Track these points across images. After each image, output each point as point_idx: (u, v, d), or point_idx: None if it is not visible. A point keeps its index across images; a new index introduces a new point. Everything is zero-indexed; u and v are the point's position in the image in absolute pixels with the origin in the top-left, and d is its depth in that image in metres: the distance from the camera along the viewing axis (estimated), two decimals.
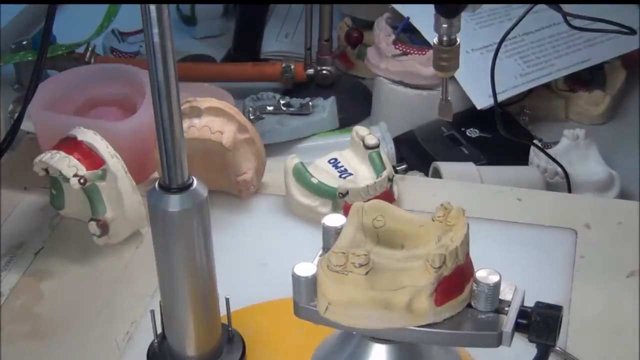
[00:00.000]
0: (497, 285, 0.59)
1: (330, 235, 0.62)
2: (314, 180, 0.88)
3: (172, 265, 0.66)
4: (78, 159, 0.84)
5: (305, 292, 0.60)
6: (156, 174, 0.94)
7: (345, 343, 0.63)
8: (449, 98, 0.67)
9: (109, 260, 0.86)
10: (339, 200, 0.86)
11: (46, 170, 0.86)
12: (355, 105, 1.08)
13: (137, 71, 0.98)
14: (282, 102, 1.03)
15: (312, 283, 0.60)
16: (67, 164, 0.84)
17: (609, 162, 1.04)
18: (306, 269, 0.60)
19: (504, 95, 1.05)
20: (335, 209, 0.86)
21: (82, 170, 0.83)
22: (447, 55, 0.63)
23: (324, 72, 1.08)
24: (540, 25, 1.06)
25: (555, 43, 1.06)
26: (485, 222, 0.87)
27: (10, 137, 0.89)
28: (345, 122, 1.04)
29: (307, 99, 1.03)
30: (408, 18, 0.99)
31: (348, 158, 0.92)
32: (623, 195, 1.02)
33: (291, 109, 1.02)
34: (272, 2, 1.22)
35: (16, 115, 0.90)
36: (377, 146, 0.89)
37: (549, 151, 1.02)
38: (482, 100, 1.04)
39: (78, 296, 0.82)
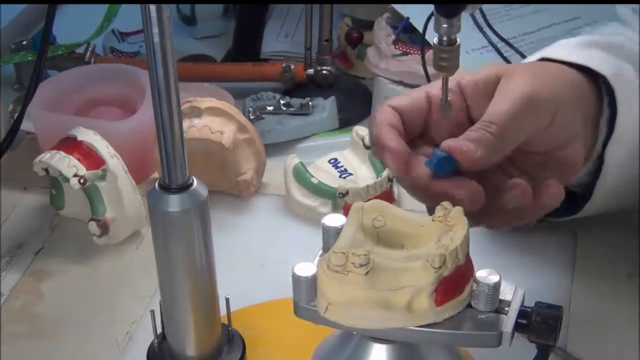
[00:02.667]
0: (497, 285, 0.59)
1: (330, 235, 0.62)
2: (314, 180, 0.88)
3: (172, 265, 0.66)
4: (78, 159, 0.84)
5: (305, 292, 0.60)
6: (156, 174, 0.94)
7: (345, 343, 0.63)
8: (449, 98, 0.67)
9: (109, 260, 0.86)
10: (339, 200, 0.86)
11: (46, 170, 0.86)
12: (355, 105, 1.08)
13: (137, 71, 0.98)
14: (282, 102, 1.03)
15: (312, 283, 0.60)
16: (67, 164, 0.84)
17: None
18: (306, 269, 0.60)
19: None
20: (335, 209, 0.86)
21: (82, 170, 0.84)
22: (447, 55, 0.63)
23: (324, 72, 1.08)
24: (540, 25, 1.06)
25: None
26: None
27: (10, 137, 0.89)
28: (345, 122, 1.04)
29: (307, 99, 1.03)
30: (408, 18, 0.99)
31: (348, 158, 0.92)
32: None
33: (291, 109, 1.02)
34: (272, 2, 1.22)
35: (16, 115, 0.90)
36: None
37: None
38: None
39: (78, 296, 0.82)
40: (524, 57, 0.91)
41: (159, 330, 0.72)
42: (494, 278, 0.59)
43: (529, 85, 0.68)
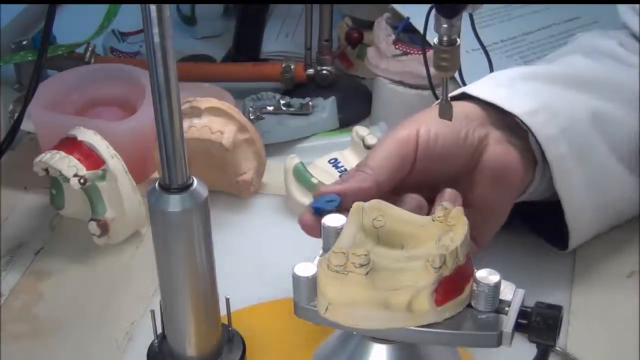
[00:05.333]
0: (497, 285, 0.59)
1: (330, 235, 0.62)
2: (314, 180, 0.88)
3: (172, 265, 0.66)
4: (78, 159, 0.84)
5: (305, 292, 0.60)
6: (156, 174, 0.94)
7: (346, 343, 0.63)
8: (449, 98, 0.67)
9: (109, 260, 0.86)
10: None
11: (46, 170, 0.86)
12: (355, 105, 1.07)
13: (137, 71, 0.98)
14: (282, 102, 1.03)
15: (312, 283, 0.60)
16: (67, 164, 0.84)
17: None
18: (306, 269, 0.60)
19: None
20: None
21: (82, 170, 0.83)
22: (447, 55, 0.63)
23: (324, 72, 1.08)
24: (540, 25, 1.06)
25: (555, 43, 1.06)
26: None
27: (10, 137, 0.89)
28: (345, 122, 1.04)
29: (307, 99, 1.03)
30: (408, 18, 0.99)
31: (348, 158, 0.92)
32: None
33: (291, 109, 1.02)
34: (272, 2, 1.22)
35: (16, 115, 0.90)
36: None
37: None
38: None
39: (78, 296, 0.82)
40: (491, 66, 0.91)
41: (159, 330, 0.72)
42: (494, 278, 0.59)
43: (406, 130, 0.73)
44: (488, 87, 0.78)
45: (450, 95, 0.79)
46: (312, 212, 0.67)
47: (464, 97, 0.78)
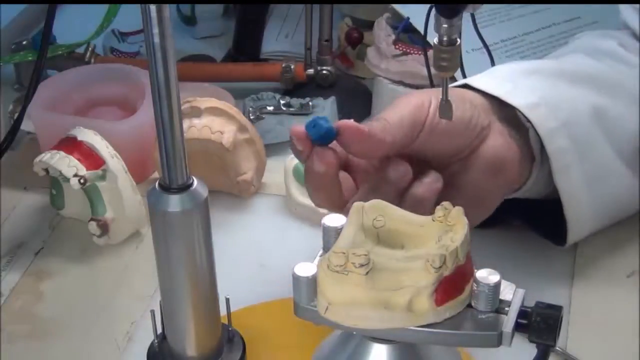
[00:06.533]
0: (497, 286, 0.59)
1: (330, 235, 0.62)
2: None
3: (172, 265, 0.66)
4: (78, 159, 0.84)
5: (306, 292, 0.60)
6: (156, 174, 0.94)
7: (346, 343, 0.63)
8: (449, 98, 0.67)
9: (109, 260, 0.86)
10: None
11: (46, 170, 0.86)
12: (355, 105, 1.07)
13: (137, 71, 0.98)
14: (282, 102, 1.03)
15: (312, 283, 0.60)
16: (67, 164, 0.84)
17: None
18: (306, 269, 0.60)
19: None
20: None
21: (82, 170, 0.84)
22: (447, 55, 0.63)
23: (324, 72, 1.08)
24: (540, 25, 1.06)
25: (555, 43, 1.06)
26: None
27: (10, 137, 0.89)
28: None
29: (307, 99, 1.03)
30: (408, 18, 0.99)
31: None
32: None
33: (291, 109, 1.02)
34: (272, 2, 1.22)
35: (16, 115, 0.90)
36: None
37: None
38: None
39: (78, 296, 0.82)
40: (493, 66, 0.91)
41: (159, 330, 0.72)
42: (494, 278, 0.59)
43: (420, 97, 0.73)
44: (490, 80, 0.78)
45: (452, 85, 0.79)
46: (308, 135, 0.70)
47: (466, 88, 0.78)
